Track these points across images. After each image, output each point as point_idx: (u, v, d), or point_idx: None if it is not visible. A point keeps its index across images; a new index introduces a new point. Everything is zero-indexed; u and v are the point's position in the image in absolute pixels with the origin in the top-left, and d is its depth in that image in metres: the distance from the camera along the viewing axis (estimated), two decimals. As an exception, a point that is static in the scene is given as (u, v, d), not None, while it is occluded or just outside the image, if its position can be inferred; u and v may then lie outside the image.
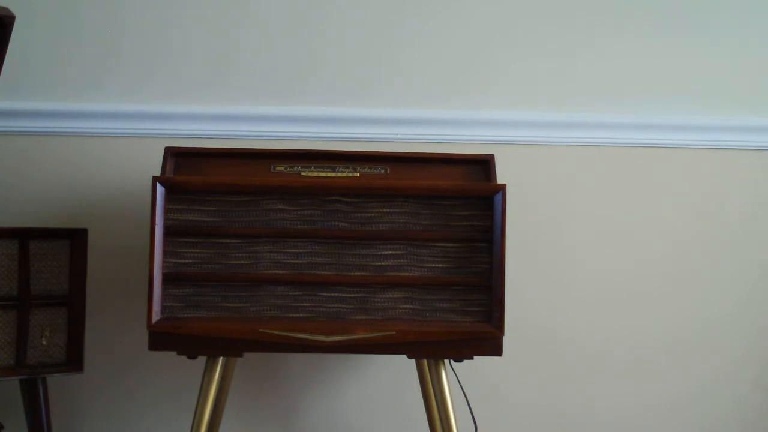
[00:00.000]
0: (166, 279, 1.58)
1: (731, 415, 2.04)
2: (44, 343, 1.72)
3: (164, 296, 1.58)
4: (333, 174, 1.63)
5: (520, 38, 2.02)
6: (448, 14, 2.01)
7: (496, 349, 1.59)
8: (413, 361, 1.92)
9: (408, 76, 2.01)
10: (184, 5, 1.98)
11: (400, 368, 1.99)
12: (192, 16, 1.98)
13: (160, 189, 1.57)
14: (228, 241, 1.60)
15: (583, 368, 2.02)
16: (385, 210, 1.61)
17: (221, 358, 1.61)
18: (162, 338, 1.56)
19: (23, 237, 1.71)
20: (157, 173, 1.87)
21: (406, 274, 1.60)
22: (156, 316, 1.56)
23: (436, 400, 1.64)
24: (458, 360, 1.59)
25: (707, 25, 2.04)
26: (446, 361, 1.64)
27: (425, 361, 1.78)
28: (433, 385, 1.64)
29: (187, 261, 1.59)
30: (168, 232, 1.58)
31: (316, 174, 1.63)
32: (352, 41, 2.00)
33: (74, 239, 1.75)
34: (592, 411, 2.03)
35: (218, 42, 1.98)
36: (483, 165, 1.66)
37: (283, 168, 1.64)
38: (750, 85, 2.05)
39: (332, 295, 1.60)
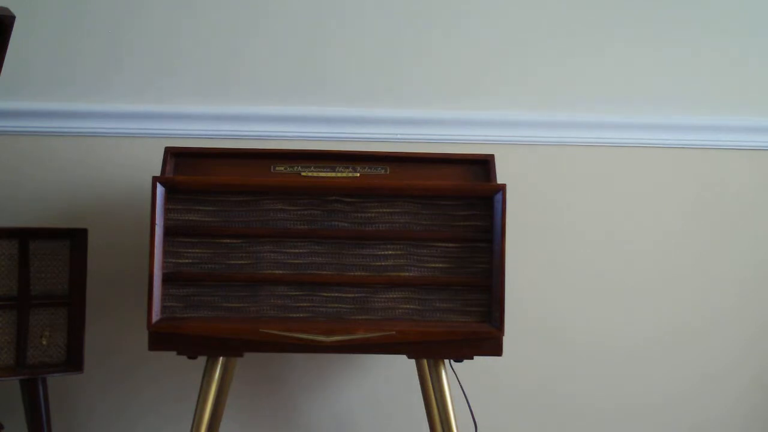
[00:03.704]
0: (166, 279, 1.58)
1: (730, 411, 2.04)
2: (44, 343, 1.72)
3: (164, 296, 1.58)
4: (333, 174, 1.63)
5: (521, 38, 2.02)
6: (449, 15, 2.01)
7: (496, 349, 1.59)
8: (413, 361, 1.92)
9: (408, 77, 2.00)
10: (186, 7, 1.98)
11: (400, 368, 1.99)
12: (194, 18, 1.98)
13: (160, 189, 1.57)
14: (228, 241, 1.60)
15: (583, 368, 2.02)
16: (385, 210, 1.61)
17: (221, 358, 1.61)
18: (162, 338, 1.56)
19: (23, 237, 1.71)
20: (157, 173, 1.87)
21: (406, 274, 1.60)
22: (156, 316, 1.56)
23: (436, 400, 1.64)
24: (458, 360, 1.59)
25: (707, 25, 2.04)
26: (446, 361, 1.64)
27: (425, 361, 1.78)
28: (433, 385, 1.64)
29: (187, 261, 1.59)
30: (168, 232, 1.58)
31: (316, 174, 1.63)
32: (353, 42, 2.00)
33: (74, 239, 1.75)
34: (593, 411, 2.03)
35: (220, 43, 1.98)
36: (483, 165, 1.66)
37: (283, 168, 1.64)
38: (749, 85, 2.05)
39: (332, 295, 1.60)
